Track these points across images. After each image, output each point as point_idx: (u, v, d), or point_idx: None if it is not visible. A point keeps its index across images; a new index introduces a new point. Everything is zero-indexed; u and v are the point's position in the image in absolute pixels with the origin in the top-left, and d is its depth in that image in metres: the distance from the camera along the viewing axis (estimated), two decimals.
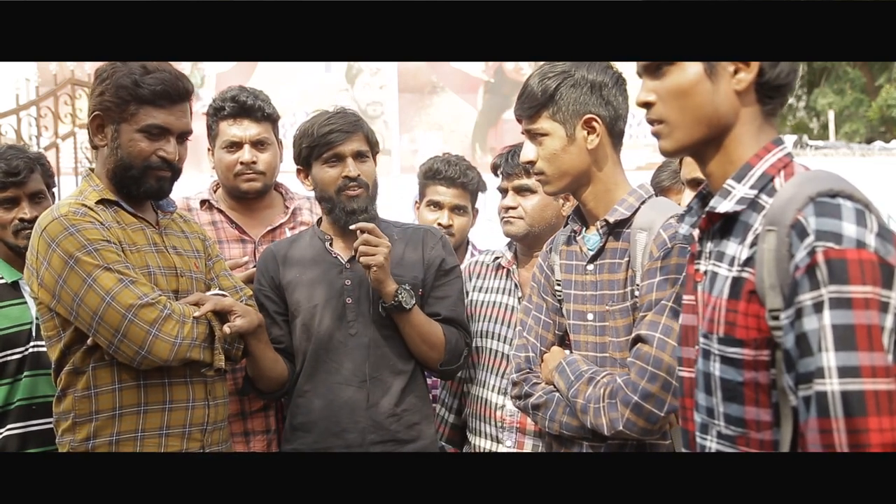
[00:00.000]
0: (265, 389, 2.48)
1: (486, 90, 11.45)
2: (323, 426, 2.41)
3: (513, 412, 2.55)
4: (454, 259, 2.60)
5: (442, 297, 2.53)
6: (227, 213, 2.79)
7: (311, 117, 2.52)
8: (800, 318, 1.24)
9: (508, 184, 2.62)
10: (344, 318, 2.44)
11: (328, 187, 2.45)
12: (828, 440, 1.20)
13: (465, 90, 11.41)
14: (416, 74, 11.27)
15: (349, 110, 2.54)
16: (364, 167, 2.46)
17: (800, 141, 13.27)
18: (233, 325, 2.17)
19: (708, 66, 1.43)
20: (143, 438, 2.10)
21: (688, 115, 1.46)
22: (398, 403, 2.43)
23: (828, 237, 1.24)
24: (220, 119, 2.75)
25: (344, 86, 11.16)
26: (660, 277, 1.86)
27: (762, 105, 1.45)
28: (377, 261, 2.32)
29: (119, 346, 2.03)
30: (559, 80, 1.97)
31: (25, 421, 2.56)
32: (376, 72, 11.24)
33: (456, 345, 2.50)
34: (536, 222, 2.59)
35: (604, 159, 1.99)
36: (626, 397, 1.84)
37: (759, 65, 1.42)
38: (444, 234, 2.65)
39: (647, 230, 1.91)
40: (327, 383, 2.43)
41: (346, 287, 2.46)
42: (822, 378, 1.20)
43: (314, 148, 2.45)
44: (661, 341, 1.82)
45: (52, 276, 2.05)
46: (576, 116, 1.96)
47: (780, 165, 1.42)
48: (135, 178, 2.14)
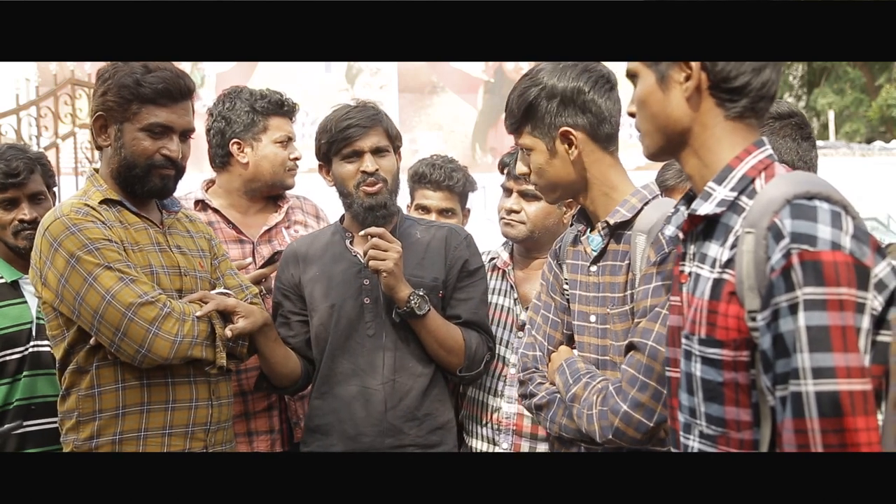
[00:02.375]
0: (278, 385, 2.47)
1: (486, 90, 11.44)
2: (340, 429, 2.38)
3: (509, 414, 2.54)
4: (479, 260, 2.54)
5: (464, 300, 2.48)
6: (223, 212, 2.79)
7: (332, 112, 2.50)
8: (776, 319, 1.26)
9: (515, 186, 2.61)
10: (362, 319, 2.40)
11: (347, 183, 2.43)
12: (803, 440, 1.21)
13: (465, 90, 11.40)
14: (416, 74, 11.26)
15: (370, 104, 2.50)
16: (383, 162, 2.43)
17: None
18: (234, 326, 2.17)
19: (659, 76, 1.47)
20: (146, 438, 2.10)
21: (650, 124, 1.51)
22: (418, 407, 2.38)
23: (803, 239, 1.25)
24: (273, 115, 2.81)
25: (344, 86, 11.15)
26: (655, 283, 1.84)
27: (724, 109, 1.45)
28: (387, 266, 2.28)
29: (120, 345, 2.04)
30: (534, 94, 1.94)
31: (24, 421, 2.56)
32: (376, 72, 11.24)
33: (477, 350, 2.43)
34: (538, 228, 2.58)
35: (594, 165, 1.95)
36: (616, 406, 1.83)
37: (700, 70, 1.43)
38: (469, 234, 2.58)
39: (646, 233, 1.89)
40: (344, 385, 2.39)
41: (364, 287, 2.42)
42: (798, 379, 1.22)
43: (333, 144, 2.43)
44: (653, 350, 1.80)
45: (55, 275, 2.06)
46: (552, 129, 1.94)
47: (761, 167, 1.43)
48: (139, 176, 2.15)
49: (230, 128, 2.78)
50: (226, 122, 2.79)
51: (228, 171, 2.82)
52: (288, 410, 2.73)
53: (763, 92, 1.45)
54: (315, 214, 2.99)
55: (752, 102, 1.45)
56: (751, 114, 1.46)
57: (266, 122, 2.79)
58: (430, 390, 2.41)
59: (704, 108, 1.45)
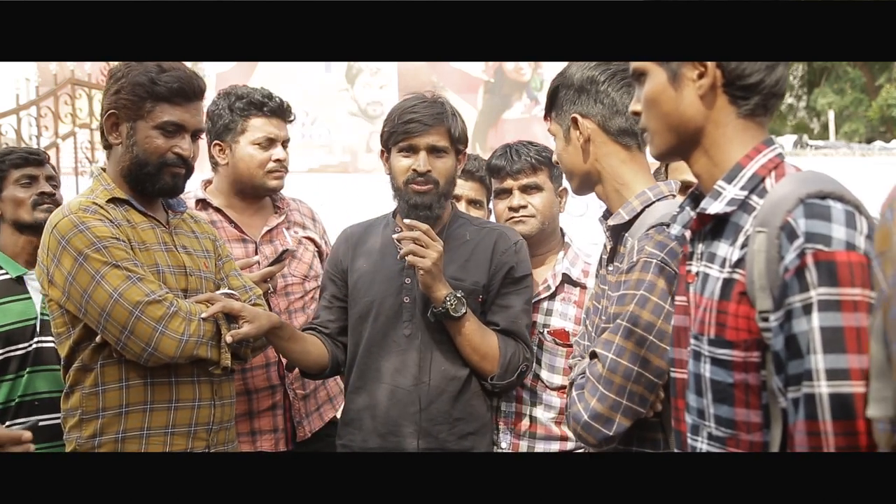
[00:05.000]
0: (306, 372, 2.49)
1: (486, 90, 11.43)
2: (370, 426, 2.36)
3: (508, 414, 2.55)
4: (526, 267, 2.47)
5: (504, 307, 2.43)
6: (225, 211, 2.79)
7: (402, 100, 2.47)
8: (789, 319, 1.24)
9: (514, 183, 2.61)
10: (400, 318, 2.39)
11: (398, 177, 2.42)
12: (815, 442, 1.20)
13: (465, 90, 11.39)
14: (416, 74, 11.25)
15: (439, 99, 2.46)
16: (439, 163, 2.40)
17: (800, 141, 13.24)
18: (237, 332, 2.16)
19: (671, 74, 1.45)
20: (149, 436, 2.11)
21: (660, 123, 1.48)
22: (451, 411, 2.34)
23: (817, 239, 1.23)
24: (253, 115, 2.74)
25: (344, 86, 11.14)
26: (621, 291, 1.83)
27: (736, 107, 1.44)
28: (425, 264, 2.25)
29: (126, 343, 2.04)
30: (556, 82, 2.00)
31: (27, 417, 2.56)
32: (376, 72, 11.23)
33: (511, 359, 2.38)
34: (547, 219, 2.61)
35: (605, 157, 1.95)
36: (578, 414, 1.83)
37: (716, 68, 1.42)
38: (521, 239, 2.51)
39: (634, 238, 1.88)
40: (378, 383, 2.37)
41: (405, 286, 2.40)
42: (811, 380, 1.20)
43: (392, 135, 2.41)
44: (613, 362, 1.79)
45: (62, 273, 2.06)
46: (567, 117, 1.97)
47: (771, 166, 1.41)
48: (150, 174, 2.16)
49: (213, 129, 2.77)
50: (211, 122, 2.78)
51: (218, 172, 2.83)
52: (292, 409, 2.73)
53: (775, 89, 1.44)
54: (311, 217, 2.98)
55: (764, 100, 1.44)
56: (762, 111, 1.45)
57: (244, 123, 2.74)
58: (464, 394, 2.37)
59: (718, 106, 1.44)
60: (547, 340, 2.57)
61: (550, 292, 2.60)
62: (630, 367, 1.77)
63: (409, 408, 2.34)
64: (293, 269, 2.79)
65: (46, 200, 2.65)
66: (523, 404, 2.56)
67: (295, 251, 2.81)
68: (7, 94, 8.32)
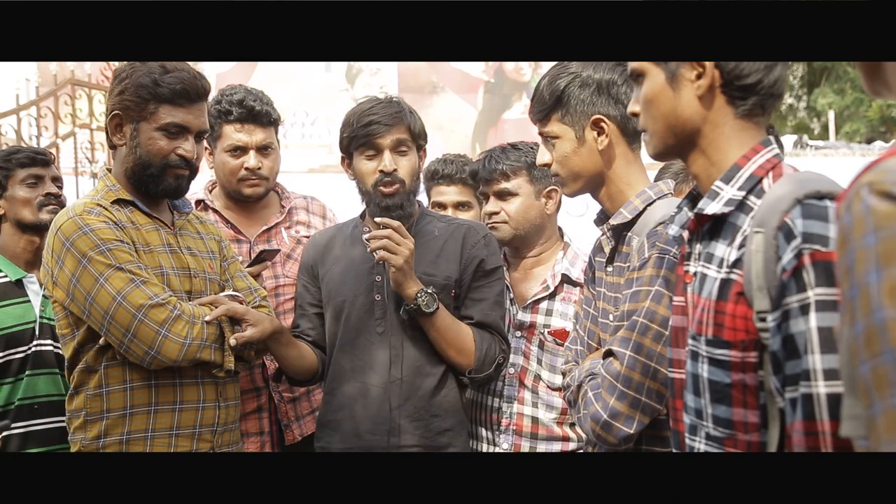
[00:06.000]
0: (296, 379, 2.48)
1: (486, 90, 11.45)
2: (348, 426, 2.37)
3: (509, 414, 2.55)
4: (497, 260, 2.49)
5: (477, 300, 2.43)
6: (222, 212, 2.78)
7: (357, 104, 2.47)
8: (786, 320, 1.24)
9: (488, 189, 2.63)
10: (372, 316, 2.39)
11: (365, 180, 2.41)
12: (813, 442, 1.20)
13: (465, 90, 11.41)
14: (416, 74, 11.27)
15: (395, 99, 2.47)
16: (403, 161, 2.40)
17: (800, 141, 13.25)
18: (240, 336, 2.16)
19: (669, 74, 1.45)
20: (154, 438, 2.11)
21: (658, 124, 1.49)
22: (426, 408, 2.35)
23: (815, 239, 1.23)
24: (224, 122, 2.70)
25: (344, 86, 11.16)
26: (634, 288, 1.83)
27: (734, 107, 1.44)
28: (397, 262, 2.26)
29: (129, 346, 2.05)
30: (567, 81, 1.96)
31: (27, 420, 2.57)
32: (376, 72, 11.25)
33: (488, 352, 2.38)
34: (521, 225, 2.60)
35: (616, 159, 1.95)
36: (597, 414, 1.82)
37: (714, 68, 1.42)
38: (490, 232, 2.54)
39: (640, 235, 1.88)
40: (352, 382, 2.38)
41: (376, 283, 2.41)
42: (809, 380, 1.20)
43: (353, 139, 2.41)
44: (631, 360, 1.78)
45: (66, 274, 2.07)
46: (584, 118, 1.94)
47: (769, 167, 1.42)
48: (153, 176, 2.16)
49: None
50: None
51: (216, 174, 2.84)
52: (278, 412, 2.70)
53: (774, 90, 1.44)
54: (322, 215, 2.95)
55: (762, 100, 1.44)
56: (759, 111, 1.45)
57: (220, 129, 2.70)
58: (439, 391, 2.38)
59: (716, 107, 1.44)
60: (547, 341, 2.57)
61: (549, 292, 2.60)
62: (647, 364, 1.77)
63: (383, 406, 2.34)
64: (287, 269, 2.76)
65: (52, 201, 2.65)
66: (525, 405, 2.56)
67: (291, 251, 2.78)
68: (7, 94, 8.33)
